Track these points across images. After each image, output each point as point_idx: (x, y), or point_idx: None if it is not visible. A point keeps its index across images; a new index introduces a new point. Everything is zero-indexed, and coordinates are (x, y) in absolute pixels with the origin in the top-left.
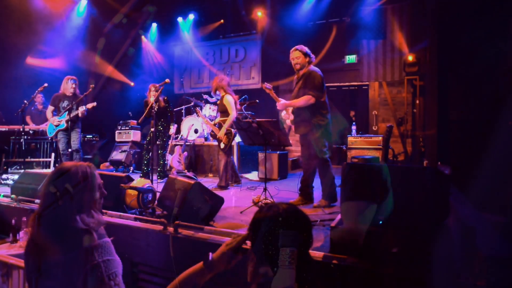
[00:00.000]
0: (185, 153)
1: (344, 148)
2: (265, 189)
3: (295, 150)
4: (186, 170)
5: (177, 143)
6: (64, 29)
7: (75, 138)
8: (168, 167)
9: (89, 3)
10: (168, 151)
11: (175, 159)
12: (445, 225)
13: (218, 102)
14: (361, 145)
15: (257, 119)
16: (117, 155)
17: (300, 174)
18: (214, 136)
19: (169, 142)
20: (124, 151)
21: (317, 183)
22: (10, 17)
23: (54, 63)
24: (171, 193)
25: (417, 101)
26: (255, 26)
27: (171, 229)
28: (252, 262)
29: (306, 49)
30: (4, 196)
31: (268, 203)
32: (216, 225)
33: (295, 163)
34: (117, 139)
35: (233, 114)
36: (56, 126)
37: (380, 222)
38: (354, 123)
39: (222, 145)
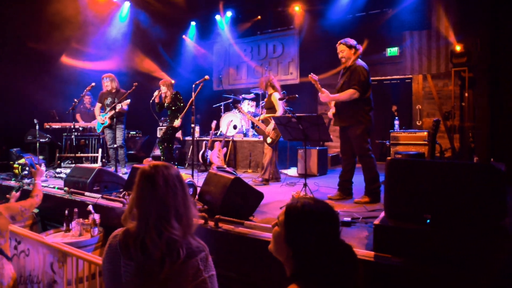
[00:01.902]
0: (224, 149)
1: (388, 143)
2: (305, 185)
3: (335, 146)
4: (225, 166)
5: (217, 139)
6: (109, 31)
7: (119, 135)
8: (208, 163)
9: (131, 6)
10: (208, 147)
11: (214, 155)
12: (502, 227)
13: (265, 99)
14: (404, 141)
15: (296, 114)
16: (158, 151)
17: (340, 170)
18: (259, 131)
19: (209, 138)
20: None
21: (359, 179)
22: (63, 23)
23: (102, 64)
24: (211, 188)
25: (466, 94)
26: (293, 21)
27: (211, 223)
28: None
29: (351, 41)
30: (58, 188)
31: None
32: (256, 220)
33: (335, 159)
34: (158, 135)
35: (280, 110)
36: (102, 123)
37: (428, 221)
38: (396, 118)
39: (269, 140)
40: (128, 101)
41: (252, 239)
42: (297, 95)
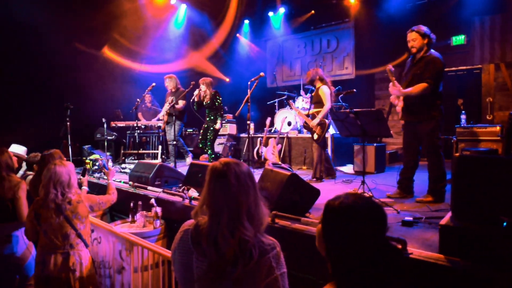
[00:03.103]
0: (279, 145)
1: (454, 139)
2: (363, 182)
3: (393, 142)
4: (280, 162)
5: (271, 136)
6: (167, 34)
7: (175, 130)
8: (262, 159)
9: (188, 7)
10: (262, 144)
11: (269, 152)
12: None
13: (313, 93)
14: (473, 137)
15: (354, 109)
16: (215, 148)
17: (399, 168)
18: (307, 127)
19: (263, 135)
20: (221, 143)
21: (420, 177)
22: (127, 30)
23: (162, 66)
24: (267, 184)
25: None
26: (348, 14)
27: (268, 219)
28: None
29: (424, 29)
30: (123, 182)
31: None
32: (312, 217)
33: (393, 156)
34: None
35: (327, 105)
36: (164, 121)
37: (505, 224)
38: (463, 112)
39: (315, 136)
40: (184, 101)
41: (309, 236)
42: (355, 90)
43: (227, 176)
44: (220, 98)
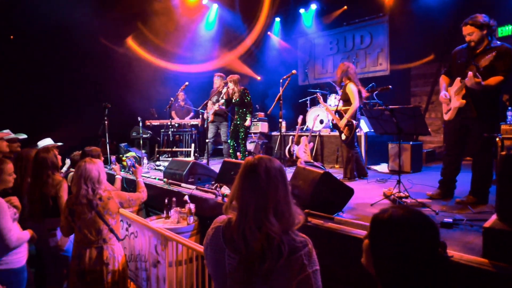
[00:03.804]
0: (311, 143)
1: (499, 137)
2: (398, 182)
3: (430, 141)
4: (312, 161)
5: (303, 134)
6: (199, 33)
7: (223, 132)
8: (294, 157)
9: (220, 6)
10: (294, 142)
11: (301, 150)
12: None
13: (341, 90)
14: None
15: (390, 106)
16: (253, 146)
17: (438, 167)
18: (335, 126)
19: (295, 133)
20: (253, 142)
21: (461, 177)
22: (160, 27)
23: (195, 66)
24: (300, 182)
25: None
26: (382, 8)
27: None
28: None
29: (480, 19)
30: (158, 179)
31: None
32: (345, 216)
33: (430, 155)
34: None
35: (355, 103)
36: (206, 118)
37: None
38: (509, 108)
39: (343, 137)
40: (222, 101)
41: (342, 235)
42: (390, 86)
43: (257, 170)
44: (249, 95)
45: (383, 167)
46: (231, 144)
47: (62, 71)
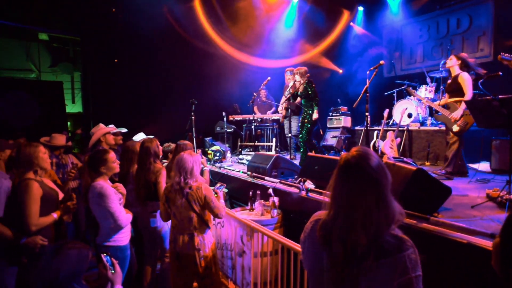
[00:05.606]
0: (398, 139)
1: None
2: (508, 182)
3: None
4: (402, 157)
5: (389, 128)
6: (280, 29)
7: (294, 125)
8: (379, 153)
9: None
10: (379, 137)
11: (386, 145)
12: None
13: (448, 81)
14: None
15: (499, 96)
16: (329, 141)
17: None
18: (440, 118)
19: (380, 128)
20: (335, 136)
21: None
22: (242, 23)
23: (275, 61)
24: None
25: None
26: None
27: None
28: None
29: None
30: (242, 172)
31: None
32: (441, 217)
33: None
34: (328, 125)
35: (469, 94)
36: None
37: None
38: None
39: (456, 128)
40: (289, 96)
41: (438, 237)
42: (500, 73)
43: (359, 164)
44: (314, 86)
45: (484, 166)
46: (300, 137)
47: (155, 74)
